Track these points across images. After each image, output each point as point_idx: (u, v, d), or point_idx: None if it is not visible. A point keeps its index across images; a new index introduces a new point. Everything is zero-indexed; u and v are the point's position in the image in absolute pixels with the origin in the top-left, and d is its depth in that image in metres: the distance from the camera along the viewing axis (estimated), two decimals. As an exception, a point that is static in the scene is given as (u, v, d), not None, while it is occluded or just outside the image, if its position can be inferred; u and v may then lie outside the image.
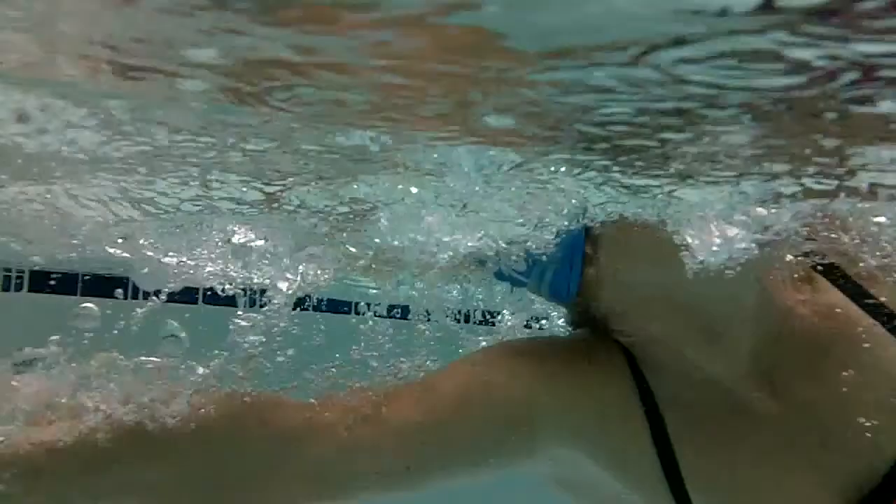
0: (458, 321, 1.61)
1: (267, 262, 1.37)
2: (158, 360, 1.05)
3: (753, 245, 1.03)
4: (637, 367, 1.18)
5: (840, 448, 1.09)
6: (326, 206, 1.25)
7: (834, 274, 1.18)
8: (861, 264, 1.17)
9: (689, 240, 1.02)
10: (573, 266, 1.10)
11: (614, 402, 1.15)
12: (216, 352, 1.11)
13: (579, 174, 0.99)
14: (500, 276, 1.19)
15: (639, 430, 1.13)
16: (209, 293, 1.42)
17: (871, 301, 1.14)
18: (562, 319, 1.44)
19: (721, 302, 1.12)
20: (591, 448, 1.13)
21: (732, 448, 1.12)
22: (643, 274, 1.10)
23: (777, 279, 1.15)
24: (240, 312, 1.18)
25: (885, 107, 0.75)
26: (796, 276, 1.19)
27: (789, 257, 1.17)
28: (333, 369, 1.15)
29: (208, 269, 1.46)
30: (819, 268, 1.19)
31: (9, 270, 4.21)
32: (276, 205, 1.24)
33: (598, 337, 1.23)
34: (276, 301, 1.20)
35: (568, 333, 1.30)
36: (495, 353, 1.18)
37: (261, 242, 1.35)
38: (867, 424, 1.07)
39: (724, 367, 1.13)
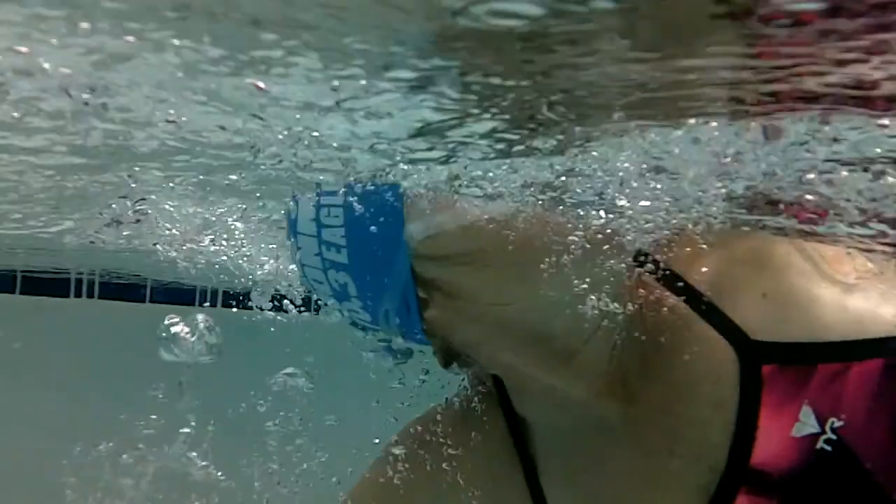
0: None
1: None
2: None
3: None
4: (507, 398, 1.22)
5: (685, 451, 1.08)
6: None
7: (647, 263, 1.13)
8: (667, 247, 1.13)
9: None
10: (410, 310, 1.10)
11: (491, 455, 1.22)
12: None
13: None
14: (354, 324, 1.20)
15: (512, 471, 1.20)
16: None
17: (682, 285, 1.11)
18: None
19: (564, 324, 1.09)
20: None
21: (597, 470, 1.14)
22: (480, 310, 1.09)
23: (623, 287, 1.11)
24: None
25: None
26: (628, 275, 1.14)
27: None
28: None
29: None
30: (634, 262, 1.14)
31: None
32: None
33: (474, 377, 1.26)
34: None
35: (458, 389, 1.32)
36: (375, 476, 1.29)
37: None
38: (701, 421, 1.07)
39: (580, 388, 1.11)
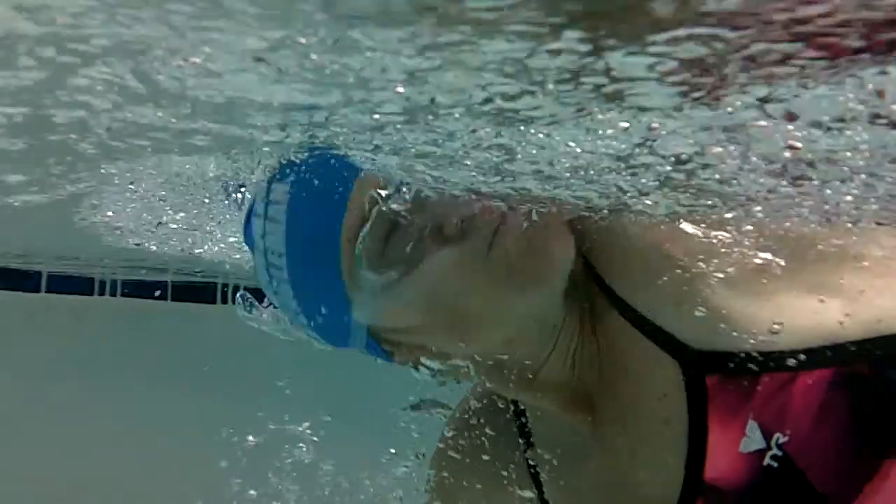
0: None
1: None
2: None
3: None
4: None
5: (645, 464, 1.08)
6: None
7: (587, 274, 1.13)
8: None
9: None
10: (378, 355, 1.15)
11: (499, 446, 1.24)
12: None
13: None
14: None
15: (518, 462, 1.22)
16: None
17: (616, 298, 1.09)
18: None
19: (518, 354, 1.11)
20: None
21: (577, 470, 1.16)
22: (442, 353, 1.12)
23: (570, 305, 1.11)
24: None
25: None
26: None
27: None
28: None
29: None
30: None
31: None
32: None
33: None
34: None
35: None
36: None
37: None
38: (654, 436, 1.06)
39: (547, 402, 1.16)
